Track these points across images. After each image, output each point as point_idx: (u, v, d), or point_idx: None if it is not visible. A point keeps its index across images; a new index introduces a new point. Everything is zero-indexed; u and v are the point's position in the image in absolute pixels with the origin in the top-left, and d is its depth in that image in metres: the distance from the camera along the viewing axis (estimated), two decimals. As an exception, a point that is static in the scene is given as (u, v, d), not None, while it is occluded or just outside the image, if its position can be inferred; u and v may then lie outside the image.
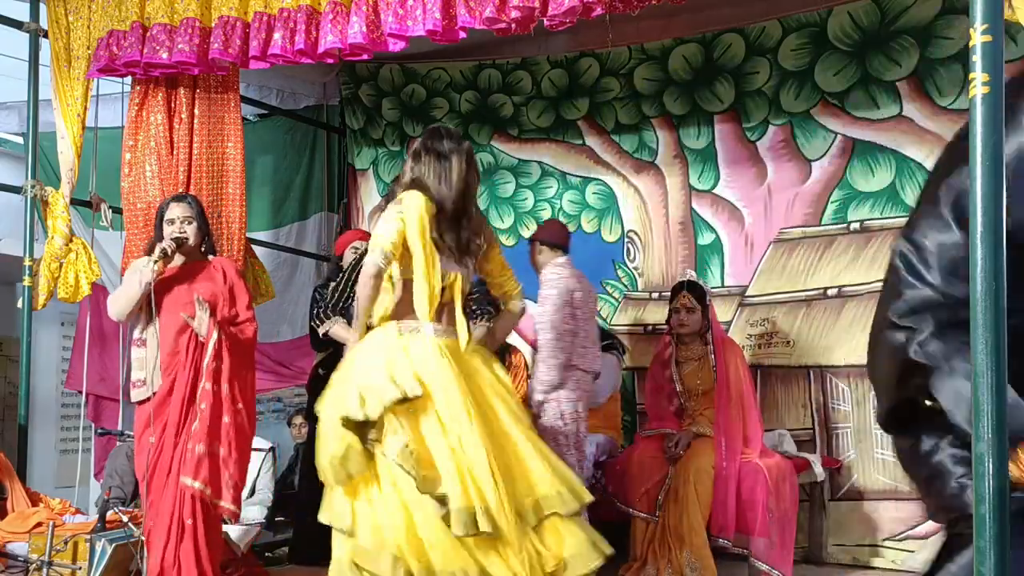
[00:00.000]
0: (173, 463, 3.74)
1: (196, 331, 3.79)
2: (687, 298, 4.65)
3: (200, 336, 3.80)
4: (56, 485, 6.16)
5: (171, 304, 3.87)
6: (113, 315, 3.94)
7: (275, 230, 6.41)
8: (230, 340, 3.83)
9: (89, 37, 4.99)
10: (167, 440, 3.77)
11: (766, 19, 5.31)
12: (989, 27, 2.47)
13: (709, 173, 5.55)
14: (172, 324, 3.84)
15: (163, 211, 3.98)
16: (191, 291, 3.88)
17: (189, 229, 3.92)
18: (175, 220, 3.91)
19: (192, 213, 3.96)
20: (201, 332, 3.79)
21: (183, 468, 3.70)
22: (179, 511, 3.70)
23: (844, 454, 5.08)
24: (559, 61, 5.92)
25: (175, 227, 3.89)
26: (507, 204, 6.18)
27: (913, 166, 4.97)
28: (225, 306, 3.92)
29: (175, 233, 3.88)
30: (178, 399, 3.78)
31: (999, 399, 2.36)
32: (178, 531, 3.68)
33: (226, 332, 3.83)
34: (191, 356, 3.81)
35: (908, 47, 4.95)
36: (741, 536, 4.26)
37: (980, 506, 2.29)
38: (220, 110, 5.17)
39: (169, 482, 3.73)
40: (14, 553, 4.25)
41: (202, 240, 3.99)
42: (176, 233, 3.88)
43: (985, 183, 2.47)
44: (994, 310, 2.38)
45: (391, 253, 3.12)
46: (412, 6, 4.13)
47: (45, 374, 6.57)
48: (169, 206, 3.99)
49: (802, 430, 5.13)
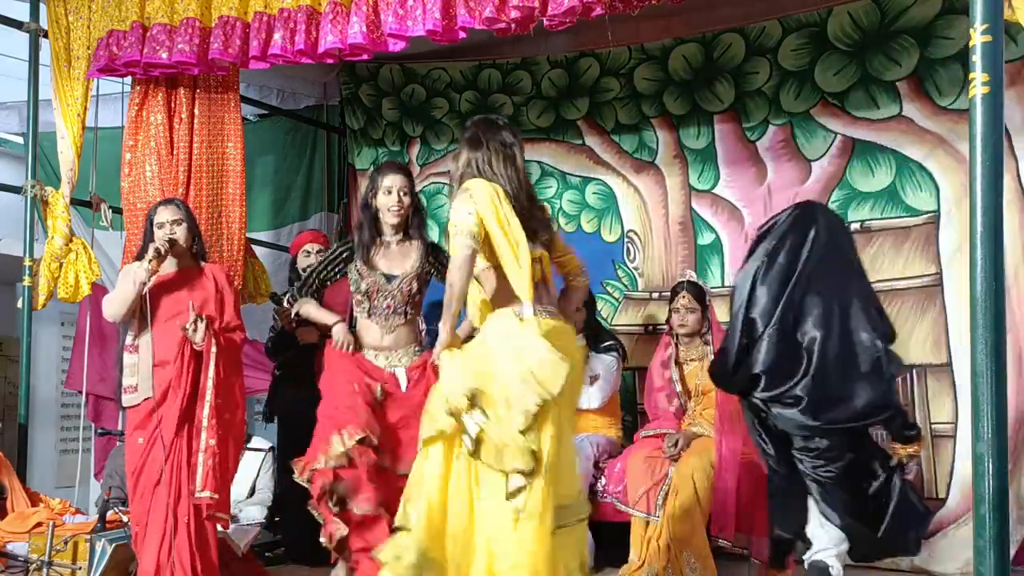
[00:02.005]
0: (167, 468, 3.74)
1: (191, 339, 3.80)
2: (687, 298, 4.64)
3: (195, 345, 3.80)
4: (56, 485, 6.16)
5: (165, 311, 3.88)
6: (108, 316, 3.97)
7: (275, 230, 6.41)
8: (224, 348, 3.85)
9: (89, 37, 4.99)
10: (158, 445, 3.77)
11: (766, 19, 5.31)
12: (989, 27, 2.47)
13: (709, 173, 5.55)
14: (166, 331, 3.86)
15: (152, 216, 4.02)
16: (184, 298, 3.91)
17: (179, 230, 3.95)
18: (164, 223, 3.95)
19: (181, 215, 4.00)
20: (196, 341, 3.79)
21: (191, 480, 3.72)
22: (174, 512, 3.71)
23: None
24: (559, 61, 5.92)
25: (165, 230, 3.94)
26: (507, 204, 6.17)
27: (913, 166, 4.97)
28: (217, 313, 3.95)
29: (167, 235, 3.90)
30: (174, 407, 3.79)
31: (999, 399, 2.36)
32: (172, 531, 3.69)
33: (220, 340, 3.85)
34: (186, 364, 3.82)
35: (908, 47, 4.94)
36: (741, 536, 4.25)
37: (980, 506, 2.29)
38: (220, 110, 5.18)
39: (161, 486, 3.74)
40: (14, 553, 4.26)
41: (192, 242, 4.01)
42: (167, 235, 3.90)
43: (985, 183, 2.48)
44: (994, 310, 2.39)
45: (477, 235, 3.05)
46: (412, 6, 4.13)
47: (45, 374, 6.57)
48: (158, 210, 4.02)
49: (802, 430, 5.11)
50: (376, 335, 3.92)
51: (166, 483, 3.75)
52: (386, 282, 3.89)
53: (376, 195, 3.93)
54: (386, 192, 3.90)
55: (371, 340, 3.92)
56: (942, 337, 4.81)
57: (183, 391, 3.80)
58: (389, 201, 3.89)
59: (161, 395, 3.82)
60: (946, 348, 4.80)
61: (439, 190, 6.34)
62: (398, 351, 3.92)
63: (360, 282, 3.90)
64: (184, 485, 3.76)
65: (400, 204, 3.90)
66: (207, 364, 3.80)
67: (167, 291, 3.91)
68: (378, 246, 3.96)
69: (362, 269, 3.91)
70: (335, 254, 4.02)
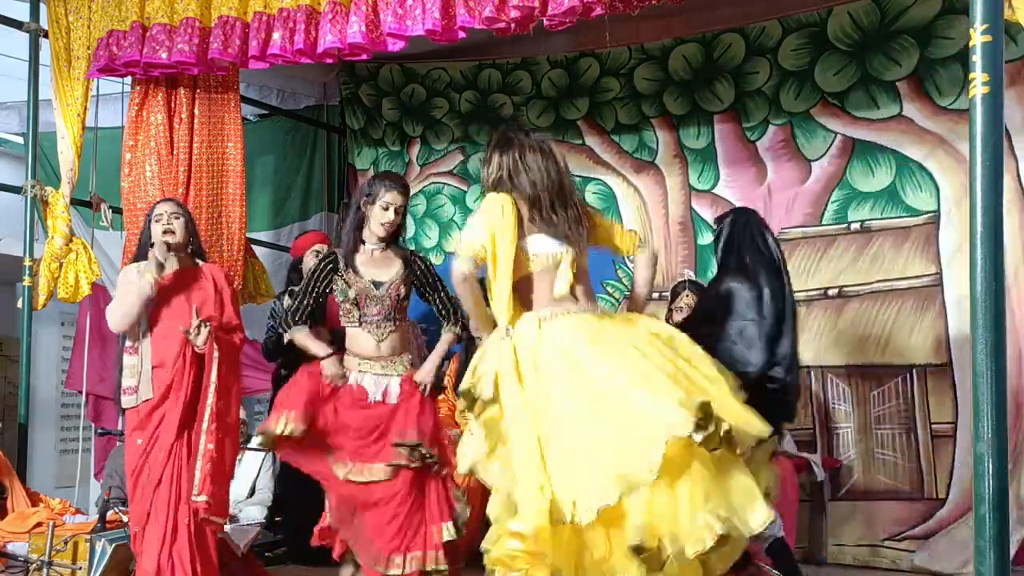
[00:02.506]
0: (167, 470, 3.74)
1: (192, 343, 3.78)
2: (691, 297, 4.64)
3: (197, 348, 3.80)
4: (56, 485, 6.16)
5: (165, 313, 3.86)
6: (113, 328, 3.93)
7: (275, 230, 6.41)
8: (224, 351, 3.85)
9: (89, 37, 4.99)
10: (158, 446, 3.77)
11: (766, 19, 5.31)
12: (989, 27, 2.47)
13: (709, 173, 5.55)
14: (166, 334, 3.85)
15: (150, 214, 4.01)
16: (184, 299, 3.89)
17: (176, 224, 3.90)
18: (163, 215, 3.91)
19: (179, 210, 3.98)
20: (198, 343, 3.79)
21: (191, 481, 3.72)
22: (174, 513, 3.71)
23: (844, 454, 5.09)
24: (559, 61, 5.92)
25: (162, 222, 3.89)
26: (507, 204, 6.17)
27: (913, 166, 4.97)
28: (216, 314, 3.94)
29: (163, 226, 3.87)
30: (175, 408, 3.78)
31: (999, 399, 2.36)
32: (173, 533, 3.69)
33: (221, 343, 3.85)
34: (187, 367, 3.81)
35: (908, 47, 4.94)
36: (741, 536, 4.24)
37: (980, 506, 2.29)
38: (220, 110, 5.18)
39: (162, 487, 3.74)
40: (14, 553, 4.25)
41: (189, 240, 4.00)
42: (164, 226, 3.88)
43: (985, 183, 2.48)
44: (994, 310, 2.40)
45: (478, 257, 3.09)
46: (411, 6, 4.13)
47: (45, 374, 6.56)
48: (156, 207, 4.01)
49: (802, 430, 5.12)
50: (370, 344, 3.83)
51: (166, 485, 3.74)
52: (374, 288, 3.82)
53: (373, 204, 3.84)
54: (384, 207, 3.81)
55: (365, 350, 3.84)
56: (942, 337, 4.81)
57: (184, 393, 3.80)
58: (384, 217, 3.81)
59: (161, 396, 3.82)
60: (946, 348, 4.80)
61: (439, 190, 6.34)
62: (393, 359, 3.85)
63: (348, 290, 3.82)
64: (184, 487, 3.76)
65: (393, 223, 3.84)
66: (209, 368, 3.80)
67: (167, 292, 3.89)
68: (361, 253, 3.88)
69: (348, 276, 3.83)
70: (320, 269, 3.89)
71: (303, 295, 3.90)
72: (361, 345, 3.84)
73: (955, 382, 4.74)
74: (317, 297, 3.90)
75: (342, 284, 3.84)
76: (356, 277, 3.83)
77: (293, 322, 3.87)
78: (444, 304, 3.95)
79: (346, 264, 3.84)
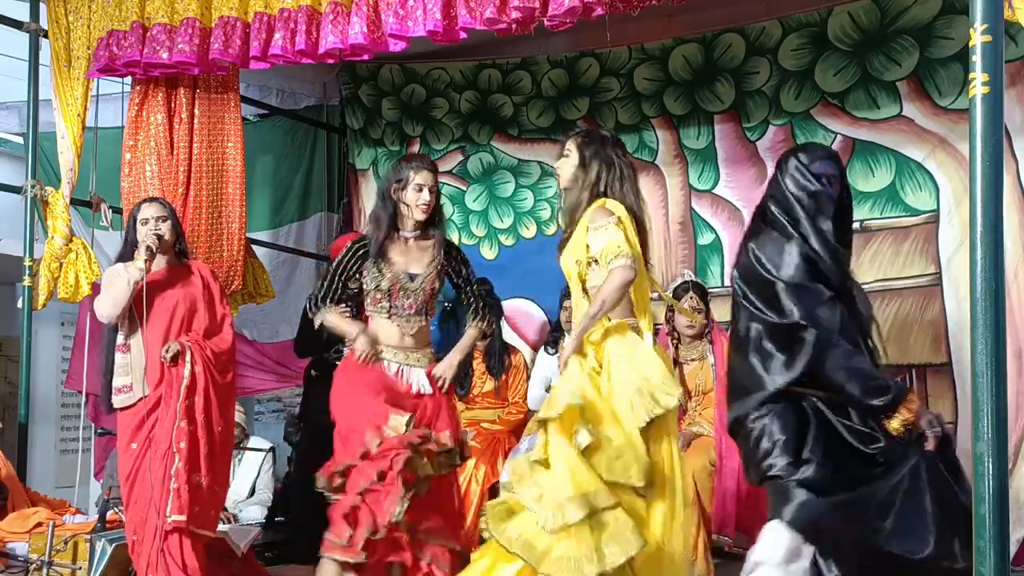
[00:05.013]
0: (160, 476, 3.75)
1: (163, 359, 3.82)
2: (695, 299, 4.65)
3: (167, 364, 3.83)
4: (56, 485, 6.16)
5: (155, 309, 3.87)
6: (102, 318, 3.92)
7: (275, 230, 6.40)
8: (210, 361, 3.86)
9: (89, 37, 4.99)
10: (154, 448, 3.77)
11: (766, 19, 5.31)
12: (989, 27, 2.47)
13: (709, 173, 5.55)
14: (157, 329, 3.85)
15: (135, 214, 4.02)
16: (173, 296, 3.92)
17: (164, 227, 3.96)
18: (149, 219, 3.94)
19: (165, 213, 4.00)
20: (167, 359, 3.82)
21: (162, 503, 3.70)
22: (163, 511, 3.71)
23: (844, 454, 5.08)
24: (559, 61, 5.92)
25: (149, 226, 3.92)
26: (507, 204, 6.17)
27: (913, 166, 4.97)
28: (205, 312, 3.95)
29: (152, 231, 3.90)
30: (168, 414, 3.79)
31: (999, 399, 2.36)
32: (163, 530, 3.69)
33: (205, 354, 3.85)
34: (178, 371, 3.83)
35: (908, 47, 4.94)
36: (741, 535, 4.25)
37: (980, 506, 2.29)
38: (220, 110, 5.18)
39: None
40: (14, 553, 4.25)
41: (176, 240, 4.02)
42: (152, 231, 3.90)
43: (985, 183, 2.48)
44: (994, 310, 2.40)
45: (636, 257, 3.14)
46: (413, 6, 4.13)
47: (45, 374, 6.56)
48: (141, 208, 4.02)
49: (802, 430, 5.11)
50: (395, 335, 3.74)
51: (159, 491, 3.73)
52: (409, 280, 3.73)
53: (405, 189, 3.74)
54: (417, 189, 3.73)
55: (390, 340, 3.75)
56: (942, 337, 4.81)
57: (173, 399, 3.80)
58: (420, 199, 3.72)
59: (156, 399, 3.83)
60: (946, 348, 4.80)
61: (438, 189, 6.34)
62: (416, 352, 3.77)
63: (380, 279, 3.71)
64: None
65: (430, 203, 3.75)
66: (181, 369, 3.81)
67: (157, 289, 3.91)
68: (395, 241, 3.78)
69: (382, 266, 3.73)
70: (352, 253, 3.79)
71: (332, 277, 3.80)
72: (386, 334, 3.76)
73: (955, 382, 4.74)
74: (346, 280, 3.79)
75: (375, 272, 3.74)
76: (388, 267, 3.73)
77: (322, 303, 3.77)
78: (473, 299, 3.88)
79: (380, 252, 3.74)
